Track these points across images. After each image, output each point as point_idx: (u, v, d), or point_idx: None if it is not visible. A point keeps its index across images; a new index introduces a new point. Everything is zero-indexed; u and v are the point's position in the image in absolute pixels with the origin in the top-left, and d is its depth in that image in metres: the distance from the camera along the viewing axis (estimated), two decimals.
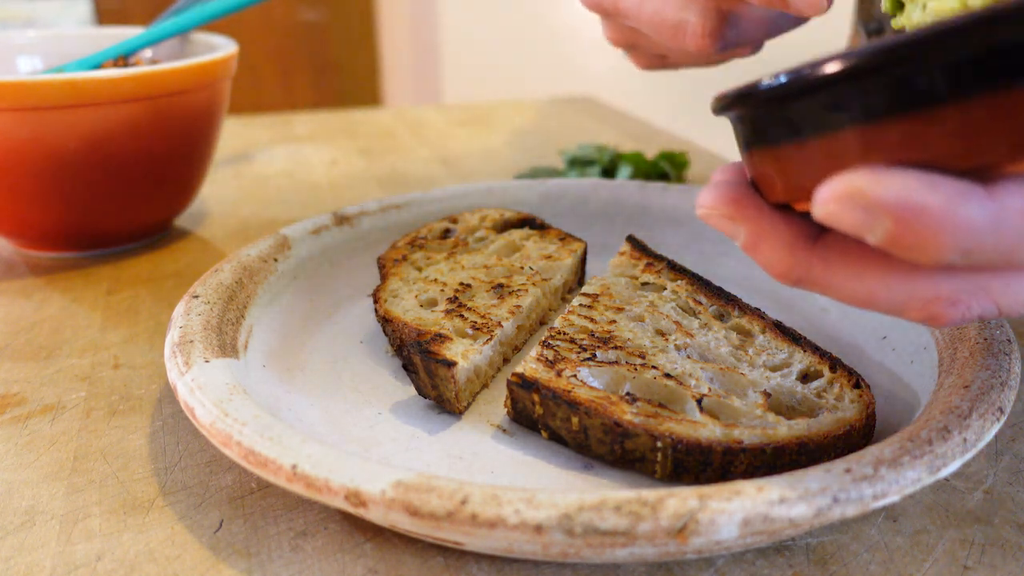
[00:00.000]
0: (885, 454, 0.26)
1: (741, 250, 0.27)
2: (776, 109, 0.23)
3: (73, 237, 0.55)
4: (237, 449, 0.28)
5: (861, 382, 0.34)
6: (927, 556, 0.29)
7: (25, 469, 0.34)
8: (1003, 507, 0.31)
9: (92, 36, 0.63)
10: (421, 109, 1.00)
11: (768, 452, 0.30)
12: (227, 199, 0.68)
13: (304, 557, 0.29)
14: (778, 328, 0.38)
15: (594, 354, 0.36)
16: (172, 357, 0.34)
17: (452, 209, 0.51)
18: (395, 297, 0.42)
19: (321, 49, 2.61)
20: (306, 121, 0.94)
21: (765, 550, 0.29)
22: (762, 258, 0.26)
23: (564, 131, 0.88)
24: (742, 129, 0.26)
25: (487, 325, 0.39)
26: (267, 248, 0.44)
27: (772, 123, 0.24)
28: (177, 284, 0.52)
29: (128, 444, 0.36)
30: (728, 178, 0.26)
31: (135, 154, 0.52)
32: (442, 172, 0.74)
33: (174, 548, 0.30)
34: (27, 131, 0.48)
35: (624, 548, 0.25)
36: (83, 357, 0.43)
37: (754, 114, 0.25)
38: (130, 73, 0.49)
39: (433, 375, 0.35)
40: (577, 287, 0.48)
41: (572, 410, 0.32)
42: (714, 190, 0.26)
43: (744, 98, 0.24)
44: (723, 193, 0.26)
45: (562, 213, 0.53)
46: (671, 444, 0.31)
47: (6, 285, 0.52)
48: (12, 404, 0.39)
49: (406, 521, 0.26)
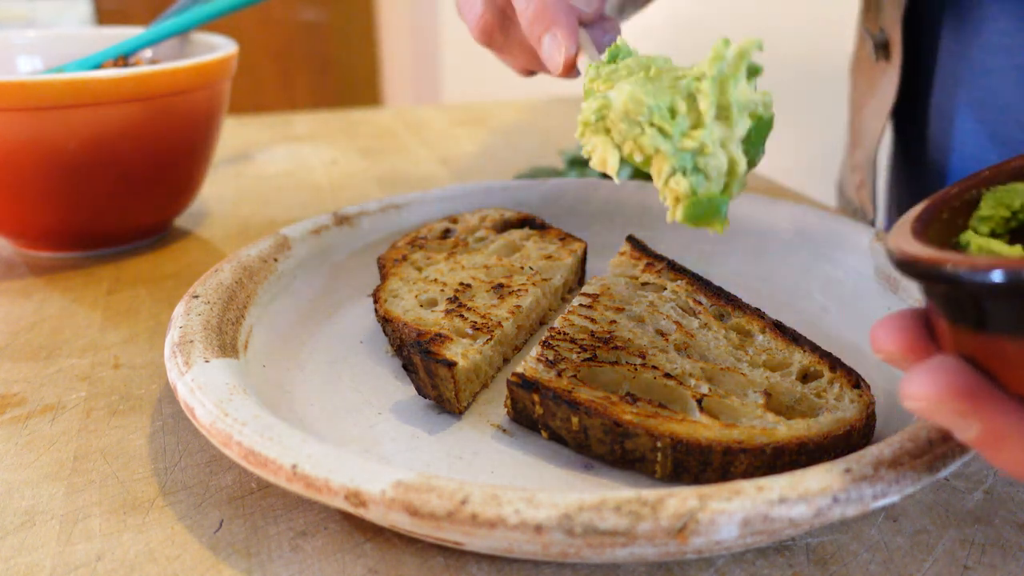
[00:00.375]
0: (885, 454, 0.26)
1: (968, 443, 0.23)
2: None
3: (73, 237, 0.55)
4: (237, 449, 0.28)
5: (861, 382, 0.34)
6: (927, 556, 0.29)
7: (25, 469, 0.34)
8: (1003, 507, 0.31)
9: (92, 36, 0.63)
10: (421, 109, 1.00)
11: (768, 452, 0.30)
12: (227, 199, 0.68)
13: (304, 557, 0.29)
14: (778, 328, 0.38)
15: (594, 354, 0.36)
16: (172, 357, 0.34)
17: (452, 209, 0.51)
18: (395, 297, 0.42)
19: (321, 49, 2.61)
20: (306, 121, 0.94)
21: (765, 550, 0.29)
22: (1002, 457, 0.22)
23: (564, 131, 0.88)
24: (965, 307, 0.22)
25: (487, 325, 0.39)
26: (267, 248, 0.44)
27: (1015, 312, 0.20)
28: (177, 284, 0.52)
29: (128, 444, 0.36)
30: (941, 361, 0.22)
31: (135, 154, 0.52)
32: (442, 172, 0.74)
33: (174, 548, 0.30)
34: (27, 131, 0.48)
35: (624, 548, 0.25)
36: (83, 357, 0.43)
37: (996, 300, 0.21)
38: (130, 73, 0.49)
39: (433, 375, 0.35)
40: (577, 287, 0.48)
41: (572, 410, 0.32)
42: (934, 378, 0.22)
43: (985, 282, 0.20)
44: (951, 383, 0.22)
45: (562, 213, 0.53)
46: (671, 444, 0.31)
47: (6, 285, 0.52)
48: (12, 404, 0.39)
49: (406, 521, 0.26)
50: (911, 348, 0.24)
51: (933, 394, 0.22)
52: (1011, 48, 0.49)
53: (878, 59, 0.58)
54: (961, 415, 0.22)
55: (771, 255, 0.48)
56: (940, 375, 0.22)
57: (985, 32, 0.50)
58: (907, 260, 0.23)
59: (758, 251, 0.48)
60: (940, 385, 0.22)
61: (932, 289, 0.23)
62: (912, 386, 0.22)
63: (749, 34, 0.31)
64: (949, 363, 0.22)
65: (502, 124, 0.91)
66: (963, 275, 0.21)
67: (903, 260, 0.23)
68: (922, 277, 0.22)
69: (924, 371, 0.22)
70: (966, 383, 0.22)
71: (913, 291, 0.40)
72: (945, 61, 0.54)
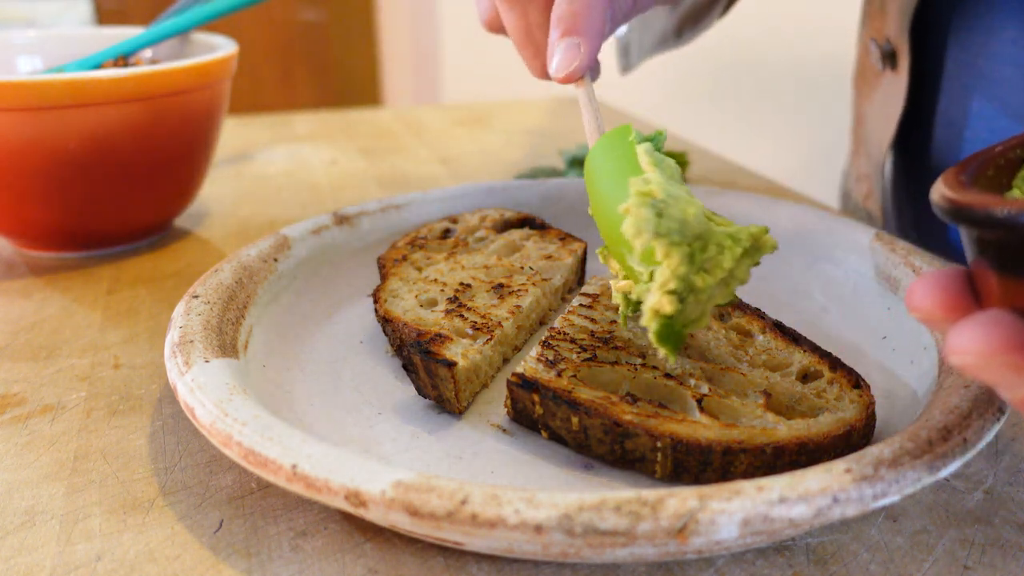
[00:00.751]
0: (885, 454, 0.26)
1: (1012, 404, 0.22)
2: None
3: (73, 237, 0.55)
4: (237, 449, 0.28)
5: (861, 382, 0.34)
6: (927, 556, 0.29)
7: (25, 469, 0.34)
8: (1003, 507, 0.31)
9: (92, 36, 0.63)
10: (421, 109, 1.00)
11: (768, 452, 0.30)
12: (227, 199, 0.68)
13: (304, 557, 0.29)
14: (778, 328, 0.38)
15: (594, 354, 0.36)
16: (172, 357, 0.34)
17: (452, 209, 0.51)
18: (395, 297, 0.42)
19: (321, 49, 2.61)
20: (306, 121, 0.94)
21: (765, 550, 0.29)
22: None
23: (564, 131, 0.88)
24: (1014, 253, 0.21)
25: (487, 325, 0.39)
26: (267, 248, 0.44)
27: None
28: (177, 284, 0.52)
29: (128, 444, 0.36)
30: (989, 315, 0.21)
31: (135, 154, 0.52)
32: (442, 172, 0.74)
33: (174, 548, 0.30)
34: (27, 131, 0.48)
35: (624, 548, 0.25)
36: (83, 357, 0.43)
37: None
38: (130, 73, 0.49)
39: (433, 375, 0.35)
40: (577, 287, 0.48)
41: (572, 410, 0.32)
42: (984, 331, 0.21)
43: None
44: (1004, 335, 0.20)
45: (562, 213, 0.53)
46: (671, 444, 0.31)
47: (6, 285, 0.52)
48: (12, 404, 0.39)
49: (406, 521, 0.26)
50: (952, 306, 0.23)
51: (986, 348, 0.20)
52: (1020, 58, 0.49)
53: (884, 68, 0.58)
54: (1015, 370, 0.20)
55: (771, 255, 0.48)
56: (993, 328, 0.20)
57: (993, 41, 0.50)
58: (960, 206, 0.22)
59: None
60: (993, 338, 0.20)
61: (983, 237, 0.22)
62: (961, 340, 0.21)
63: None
64: (1001, 316, 0.21)
65: (502, 124, 0.91)
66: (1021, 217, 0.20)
67: (955, 207, 0.22)
68: (975, 223, 0.21)
69: (974, 324, 0.21)
70: (1021, 336, 0.20)
71: None
72: (952, 71, 0.54)
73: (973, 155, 0.27)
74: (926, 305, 0.23)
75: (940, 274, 0.24)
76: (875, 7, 0.59)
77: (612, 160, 0.35)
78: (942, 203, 0.23)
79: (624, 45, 0.79)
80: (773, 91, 1.95)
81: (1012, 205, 0.20)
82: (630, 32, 0.78)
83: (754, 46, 1.94)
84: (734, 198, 0.50)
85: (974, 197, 0.22)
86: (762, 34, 1.94)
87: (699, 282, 0.29)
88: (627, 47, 0.79)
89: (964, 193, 0.22)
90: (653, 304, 0.29)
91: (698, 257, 0.30)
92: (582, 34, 0.37)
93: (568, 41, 0.38)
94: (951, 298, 0.23)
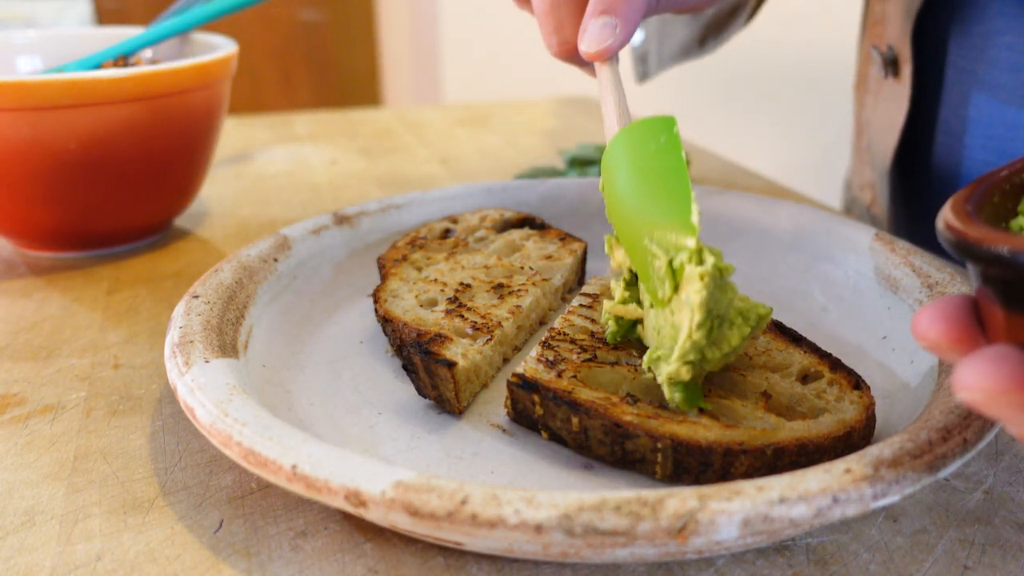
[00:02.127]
0: (885, 454, 0.26)
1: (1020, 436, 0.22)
2: None
3: (73, 237, 0.55)
4: (237, 449, 0.28)
5: (861, 383, 0.34)
6: (927, 556, 0.29)
7: (25, 469, 0.34)
8: (1003, 507, 0.31)
9: (92, 36, 0.63)
10: (421, 109, 1.00)
11: (768, 453, 0.30)
12: (227, 199, 0.68)
13: (304, 557, 0.29)
14: (778, 328, 0.38)
15: (594, 354, 0.36)
16: (172, 357, 0.34)
17: (452, 209, 0.51)
18: (395, 297, 0.42)
19: (321, 49, 2.61)
20: (306, 121, 0.94)
21: (765, 550, 0.29)
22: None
23: (564, 131, 0.88)
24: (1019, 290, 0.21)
25: (487, 325, 0.39)
26: (267, 248, 0.44)
27: None
28: (177, 284, 0.52)
29: (128, 444, 0.36)
30: (997, 351, 0.21)
31: (135, 154, 0.52)
32: (442, 172, 0.74)
33: (174, 548, 0.30)
34: (27, 131, 0.48)
35: (624, 548, 0.25)
36: (83, 357, 0.43)
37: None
38: (130, 73, 0.49)
39: (433, 375, 0.35)
40: (577, 287, 0.48)
41: (572, 411, 0.32)
42: (992, 368, 0.20)
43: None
44: (1013, 374, 0.20)
45: (562, 213, 0.53)
46: (671, 445, 0.31)
47: (6, 285, 0.52)
48: (12, 404, 0.39)
49: (406, 521, 0.26)
50: (958, 338, 0.23)
51: (994, 386, 0.20)
52: (1018, 65, 0.49)
53: (886, 76, 0.58)
54: (1022, 408, 0.20)
55: (771, 255, 0.48)
56: (1000, 365, 0.20)
57: (992, 47, 0.50)
58: (965, 242, 0.22)
59: (758, 251, 0.48)
60: (1001, 376, 0.20)
61: (988, 273, 0.22)
62: (969, 376, 0.21)
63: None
64: (1008, 352, 0.21)
65: (502, 124, 0.91)
66: None
67: (960, 240, 0.22)
68: (980, 260, 0.21)
69: (982, 360, 0.21)
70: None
71: (913, 291, 0.40)
72: (952, 77, 0.53)
73: (978, 179, 0.26)
74: (932, 336, 0.23)
75: (946, 303, 0.24)
76: (876, 15, 0.59)
77: (650, 156, 0.35)
78: (948, 235, 0.22)
79: (642, 54, 0.79)
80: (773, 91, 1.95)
81: (1016, 243, 0.20)
82: (647, 41, 0.78)
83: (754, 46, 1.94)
84: (734, 198, 0.50)
85: (979, 232, 0.22)
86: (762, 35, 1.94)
87: (709, 355, 0.31)
88: (645, 56, 0.78)
89: (970, 226, 0.22)
90: (671, 373, 0.31)
91: (715, 333, 0.31)
92: (620, 15, 0.37)
93: (605, 19, 0.37)
94: (957, 330, 0.23)
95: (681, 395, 0.32)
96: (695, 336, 0.31)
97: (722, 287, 0.31)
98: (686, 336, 0.31)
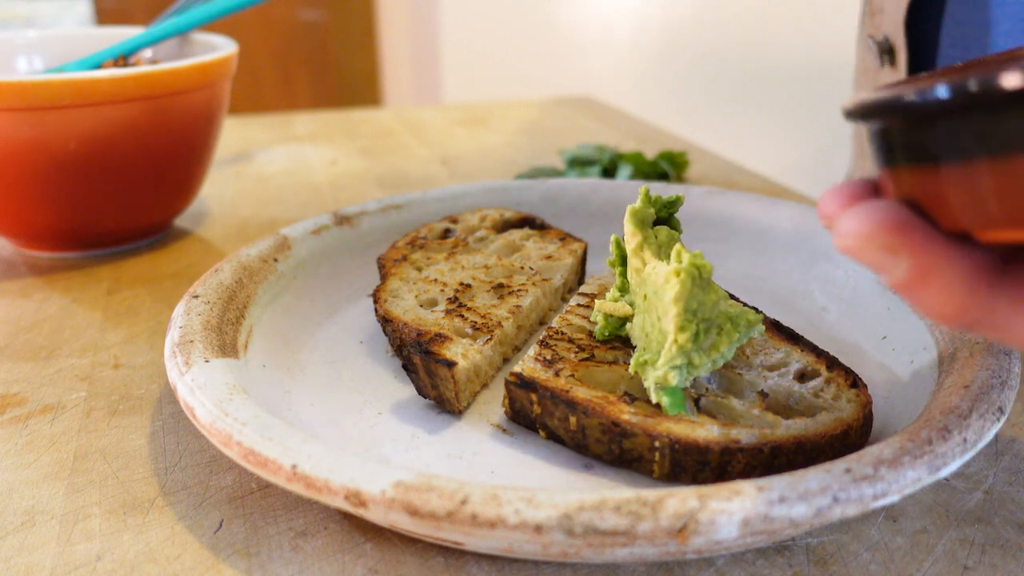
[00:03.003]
0: (885, 454, 0.26)
1: (891, 287, 0.22)
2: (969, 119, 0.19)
3: (73, 237, 0.55)
4: (237, 449, 0.28)
5: (858, 381, 0.34)
6: (927, 556, 0.29)
7: (25, 469, 0.34)
8: (1003, 507, 0.31)
9: (92, 36, 0.63)
10: (421, 109, 1.00)
11: (766, 452, 0.30)
12: (227, 199, 0.68)
13: (304, 557, 0.29)
14: (775, 327, 0.38)
15: (592, 354, 0.36)
16: (172, 357, 0.34)
17: (452, 209, 0.51)
18: (395, 297, 0.42)
19: (321, 49, 2.61)
20: (306, 121, 0.94)
21: (765, 550, 0.29)
22: (929, 297, 0.21)
23: (564, 131, 0.88)
24: (900, 141, 0.21)
25: (487, 325, 0.39)
26: (267, 248, 0.44)
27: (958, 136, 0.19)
28: (177, 284, 0.52)
29: (128, 444, 0.36)
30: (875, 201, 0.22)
31: (135, 154, 0.52)
32: (442, 172, 0.74)
33: (174, 548, 0.30)
34: (27, 131, 0.48)
35: (624, 548, 0.25)
36: (83, 357, 0.43)
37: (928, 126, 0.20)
38: (130, 73, 0.49)
39: (433, 375, 0.35)
40: (577, 287, 0.48)
41: (570, 410, 0.32)
42: (865, 214, 0.22)
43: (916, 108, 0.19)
44: (881, 218, 0.21)
45: (562, 213, 0.53)
46: (669, 444, 0.31)
47: (6, 285, 0.52)
48: (12, 404, 0.39)
49: (406, 521, 0.26)
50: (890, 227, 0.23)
51: (865, 229, 0.22)
52: None
53: (883, 64, 0.58)
54: (890, 250, 0.21)
55: (771, 255, 0.48)
56: (872, 211, 0.22)
57: (987, 37, 0.50)
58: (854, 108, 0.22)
59: (758, 251, 0.48)
60: (872, 220, 0.21)
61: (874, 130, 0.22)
62: (844, 223, 0.22)
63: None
64: (886, 204, 0.22)
65: (502, 124, 0.91)
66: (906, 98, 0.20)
67: (851, 109, 0.22)
68: (866, 116, 0.22)
69: (857, 209, 0.22)
70: (896, 217, 0.21)
71: None
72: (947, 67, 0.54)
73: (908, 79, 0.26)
74: (830, 209, 0.23)
75: (850, 183, 0.24)
76: (875, 4, 0.60)
77: None
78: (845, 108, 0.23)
79: None
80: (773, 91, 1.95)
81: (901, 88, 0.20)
82: None
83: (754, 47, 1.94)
84: (734, 198, 0.50)
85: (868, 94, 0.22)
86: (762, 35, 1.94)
87: (696, 360, 0.32)
88: None
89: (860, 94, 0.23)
90: (658, 378, 0.32)
91: (701, 339, 0.32)
92: None
93: None
94: (852, 200, 0.23)
95: (668, 399, 0.32)
96: (680, 340, 0.31)
97: (704, 287, 0.31)
98: (671, 340, 0.31)
